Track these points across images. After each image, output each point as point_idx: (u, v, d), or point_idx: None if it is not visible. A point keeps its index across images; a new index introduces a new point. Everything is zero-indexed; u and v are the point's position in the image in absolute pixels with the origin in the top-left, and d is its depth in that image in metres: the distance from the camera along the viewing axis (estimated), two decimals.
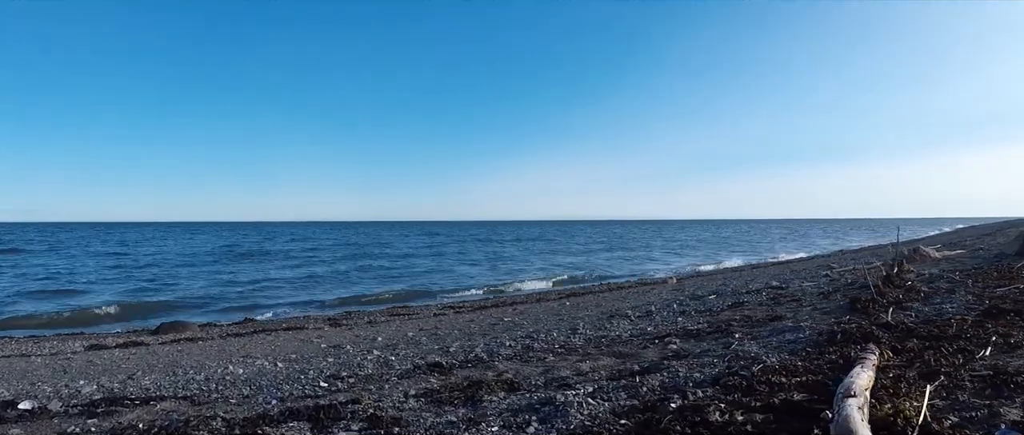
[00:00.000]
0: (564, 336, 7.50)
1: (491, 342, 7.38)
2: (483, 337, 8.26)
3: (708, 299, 10.99)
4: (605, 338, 7.25)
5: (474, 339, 8.03)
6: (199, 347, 9.76)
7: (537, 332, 8.01)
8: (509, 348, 6.76)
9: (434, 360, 6.11)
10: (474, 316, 12.98)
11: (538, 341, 7.22)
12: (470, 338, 8.26)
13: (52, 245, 49.04)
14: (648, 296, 13.60)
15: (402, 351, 7.32)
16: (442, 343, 7.89)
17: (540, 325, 9.28)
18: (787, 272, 17.08)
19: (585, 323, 8.75)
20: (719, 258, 35.79)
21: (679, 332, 7.04)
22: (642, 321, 8.59)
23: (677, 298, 11.53)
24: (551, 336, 7.54)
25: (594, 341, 7.11)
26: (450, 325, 11.23)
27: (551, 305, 14.65)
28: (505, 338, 7.78)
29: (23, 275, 25.22)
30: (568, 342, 7.02)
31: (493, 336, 8.14)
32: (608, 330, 7.79)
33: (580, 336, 7.41)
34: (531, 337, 7.57)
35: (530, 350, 6.69)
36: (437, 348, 7.17)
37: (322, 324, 13.12)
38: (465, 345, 7.26)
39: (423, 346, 7.73)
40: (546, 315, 11.52)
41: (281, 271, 28.78)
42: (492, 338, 7.88)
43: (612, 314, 9.40)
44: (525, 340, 7.31)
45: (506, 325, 10.12)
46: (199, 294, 20.67)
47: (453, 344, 7.48)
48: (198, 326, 13.53)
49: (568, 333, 7.74)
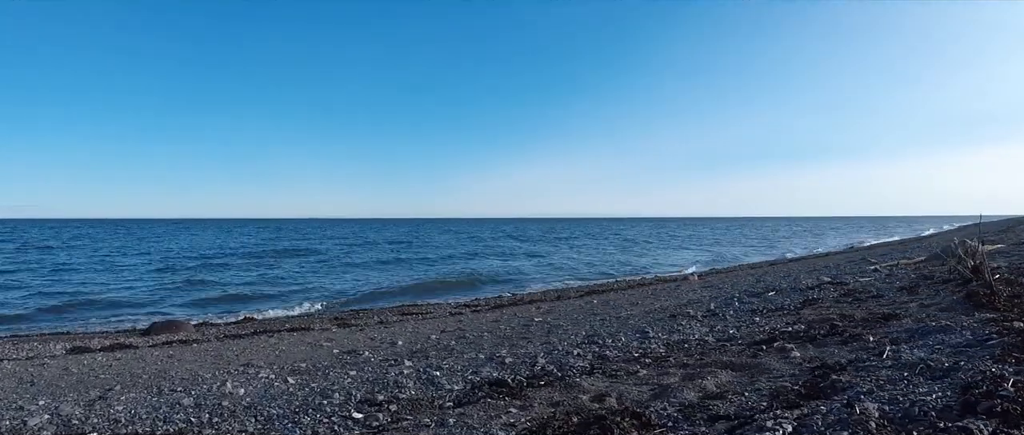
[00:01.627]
0: (635, 340, 6.07)
1: (547, 349, 5.93)
2: (529, 342, 6.81)
3: (768, 296, 9.60)
4: (686, 343, 5.84)
5: (520, 344, 6.57)
6: (193, 352, 8.25)
7: (596, 336, 6.57)
8: (578, 357, 5.32)
9: (492, 375, 4.66)
10: (495, 315, 11.52)
11: (607, 347, 5.79)
12: (513, 343, 6.80)
13: (68, 243, 46.89)
14: (686, 293, 12.18)
15: (436, 359, 5.86)
16: (482, 349, 6.43)
17: (586, 326, 7.84)
18: (822, 268, 15.74)
19: (643, 323, 7.33)
20: (731, 255, 34.46)
21: (780, 334, 5.63)
22: (710, 321, 7.18)
23: (731, 295, 10.12)
24: (619, 341, 6.10)
25: (676, 346, 5.69)
26: (475, 326, 9.77)
27: (576, 302, 13.22)
28: (559, 343, 6.34)
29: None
30: (647, 349, 5.59)
31: (542, 341, 6.69)
32: (683, 333, 6.37)
33: (655, 341, 5.99)
34: (593, 342, 6.14)
35: (605, 359, 5.26)
36: (483, 357, 5.70)
37: (329, 324, 11.62)
38: (517, 353, 5.81)
39: (460, 353, 6.27)
40: (581, 314, 10.08)
41: (279, 268, 27.16)
42: (544, 343, 6.43)
43: (673, 314, 7.97)
44: (590, 346, 5.88)
45: (542, 326, 8.67)
46: (185, 288, 19.07)
47: (500, 351, 6.02)
48: (193, 326, 11.99)
49: (637, 337, 6.31)
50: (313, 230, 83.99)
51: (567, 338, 6.74)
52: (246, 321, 13.03)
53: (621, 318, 8.77)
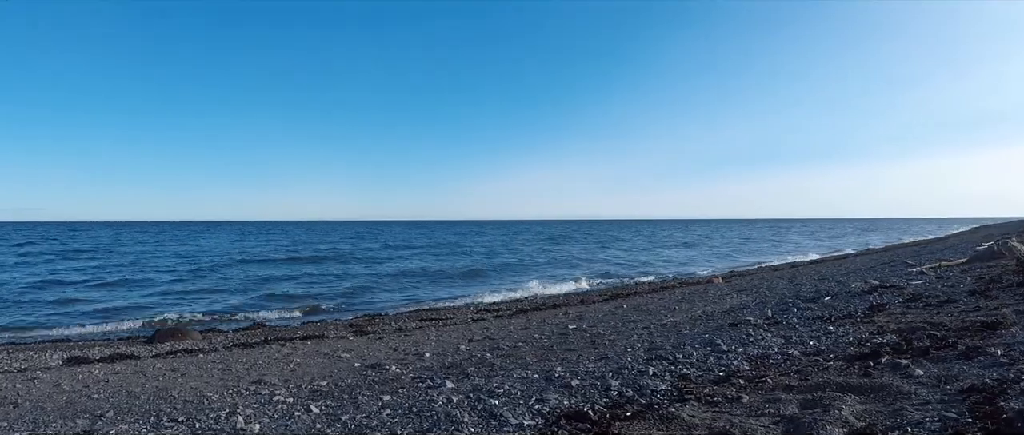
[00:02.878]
0: (711, 355, 5.15)
1: (611, 366, 5.01)
2: (578, 355, 5.89)
3: (824, 300, 8.68)
4: (768, 357, 4.93)
5: (570, 359, 5.65)
6: (198, 364, 7.35)
7: (659, 349, 5.65)
8: (655, 378, 4.40)
9: (563, 404, 3.75)
10: (521, 321, 10.60)
11: (681, 364, 4.87)
12: (562, 358, 5.88)
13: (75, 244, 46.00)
14: (722, 297, 11.24)
15: (480, 378, 4.94)
16: (529, 365, 5.51)
17: (634, 336, 6.92)
18: (855, 271, 14.80)
19: (701, 332, 6.40)
20: (744, 256, 33.51)
21: (876, 346, 4.71)
22: (779, 330, 6.26)
23: (782, 299, 9.18)
24: (690, 356, 5.18)
25: (759, 362, 4.78)
26: (504, 334, 8.85)
27: (603, 307, 12.29)
28: (617, 356, 5.42)
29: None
30: (730, 365, 4.68)
31: (597, 355, 5.77)
32: (759, 345, 5.45)
33: (733, 356, 5.07)
34: (660, 357, 5.22)
35: (687, 379, 4.34)
36: (538, 377, 4.78)
37: (344, 331, 10.71)
38: (578, 371, 4.88)
39: (505, 371, 5.35)
40: (617, 321, 9.16)
41: (288, 272, 26.25)
42: (599, 358, 5.51)
43: (734, 322, 7.03)
44: (659, 363, 4.96)
45: (581, 336, 7.75)
46: (192, 293, 18.17)
47: (554, 368, 5.09)
48: (199, 333, 11.08)
49: (709, 351, 5.39)
50: (319, 232, 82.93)
51: (623, 351, 5.82)
52: (255, 328, 12.12)
53: (667, 326, 7.85)
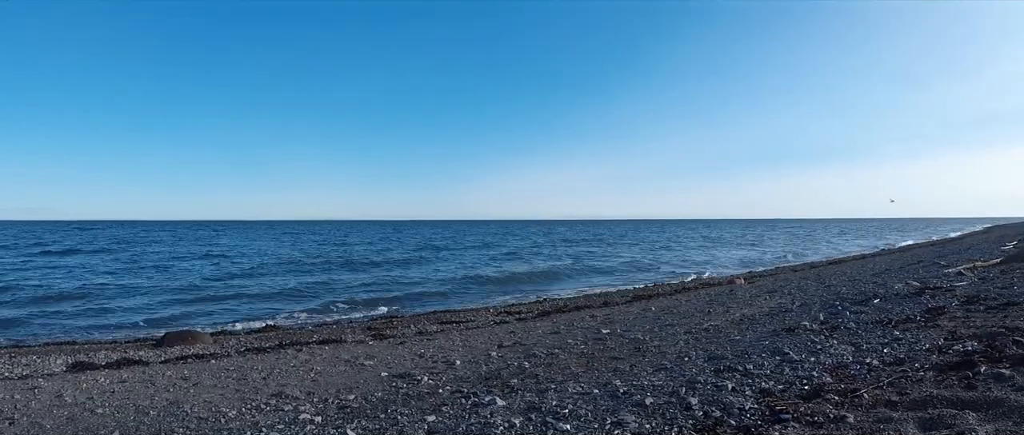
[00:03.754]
0: (785, 366, 4.54)
1: (677, 378, 4.40)
2: (629, 363, 5.29)
3: (874, 303, 8.05)
4: (845, 367, 4.33)
5: (624, 370, 5.05)
6: (211, 372, 6.78)
7: (721, 359, 5.04)
8: (735, 393, 3.80)
9: (645, 428, 3.15)
10: (548, 324, 10.00)
11: (754, 376, 4.27)
12: (615, 368, 5.29)
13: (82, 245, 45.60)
14: (756, 300, 10.62)
15: (529, 393, 4.36)
16: (578, 377, 4.92)
17: (682, 342, 6.32)
18: (884, 271, 14.15)
19: (758, 338, 5.80)
20: (754, 257, 32.80)
21: (965, 354, 4.10)
22: (842, 335, 5.64)
23: (829, 302, 8.54)
24: (761, 366, 4.58)
25: (839, 373, 4.18)
26: (535, 339, 8.26)
27: (629, 309, 11.68)
28: (676, 366, 4.82)
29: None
30: (812, 378, 4.07)
31: (654, 364, 5.16)
32: (829, 353, 4.84)
33: (808, 365, 4.46)
34: (729, 368, 4.61)
35: (770, 394, 3.74)
36: (599, 393, 4.18)
37: (362, 334, 10.14)
38: (641, 384, 4.27)
39: (556, 383, 4.76)
40: (651, 324, 8.56)
41: (299, 272, 25.71)
42: (656, 368, 4.90)
43: (791, 327, 6.41)
44: (730, 374, 4.35)
45: (620, 340, 7.16)
46: (203, 293, 17.63)
47: (612, 381, 4.49)
48: (210, 336, 10.53)
49: (773, 358, 4.78)
50: (330, 232, 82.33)
51: (681, 360, 5.22)
52: (268, 330, 11.56)
53: (710, 331, 7.24)
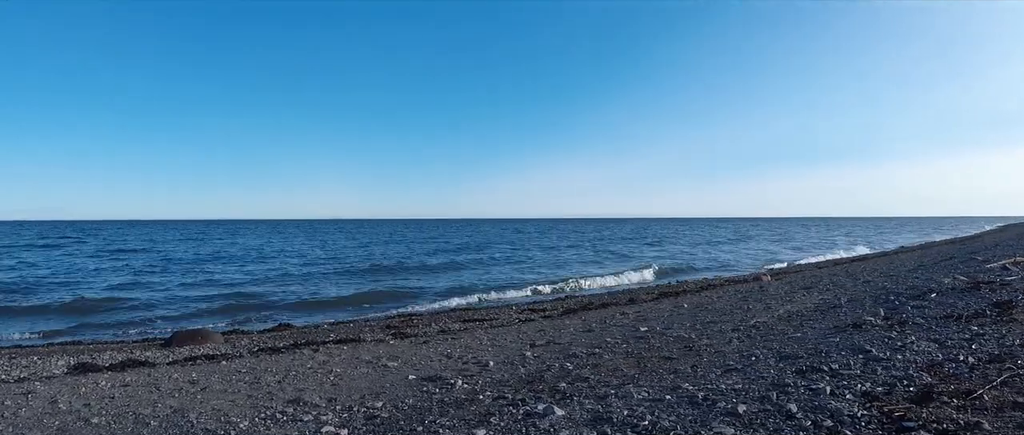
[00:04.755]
0: (864, 362, 3.87)
1: (759, 379, 3.73)
2: (695, 366, 4.62)
3: (931, 297, 7.34)
4: (938, 365, 3.67)
5: (692, 373, 4.38)
6: (221, 375, 6.16)
7: (796, 356, 4.36)
8: (833, 397, 3.13)
9: None
10: (577, 322, 9.34)
11: (843, 376, 3.60)
12: (674, 370, 4.62)
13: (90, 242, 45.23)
14: (791, 295, 9.90)
15: (587, 400, 3.70)
16: (636, 381, 4.26)
17: (733, 339, 5.64)
18: (919, 267, 13.40)
19: (824, 334, 5.11)
20: (770, 254, 32.00)
21: None
22: (914, 332, 4.94)
23: (875, 297, 7.82)
24: (845, 364, 3.90)
25: (933, 371, 3.49)
26: (569, 337, 7.60)
27: (659, 306, 10.99)
28: (753, 368, 4.15)
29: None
30: (906, 376, 3.40)
31: (713, 363, 4.49)
32: (914, 350, 4.17)
33: (900, 364, 3.79)
34: (810, 367, 3.94)
35: (874, 397, 3.07)
36: (673, 399, 3.51)
37: (381, 333, 9.50)
38: (718, 388, 3.60)
39: (612, 386, 4.10)
40: (692, 322, 7.88)
41: (309, 269, 25.13)
42: (725, 368, 4.23)
43: (856, 323, 5.72)
44: (816, 375, 3.68)
45: (663, 338, 6.50)
46: (212, 292, 17.06)
47: (682, 385, 3.82)
48: (221, 335, 9.93)
49: (856, 356, 4.11)
50: (337, 231, 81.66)
51: (749, 360, 4.54)
52: (281, 329, 10.95)
53: (761, 328, 6.56)
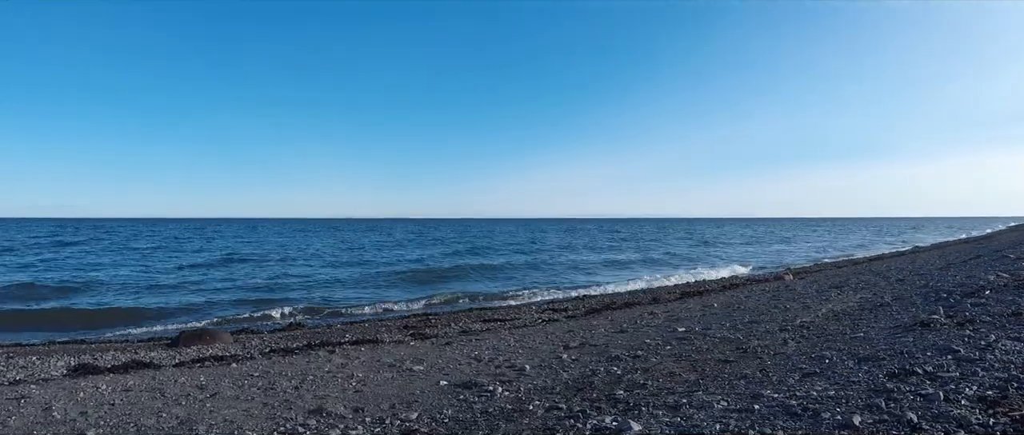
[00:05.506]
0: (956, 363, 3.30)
1: (850, 386, 3.15)
2: (765, 371, 4.05)
3: (986, 294, 6.75)
4: None
5: (765, 379, 3.82)
6: (232, 378, 5.61)
7: (878, 358, 3.79)
8: (948, 402, 2.56)
9: None
10: (604, 322, 8.78)
11: (945, 380, 3.02)
12: (741, 374, 4.05)
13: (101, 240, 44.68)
14: (830, 294, 9.32)
15: (671, 413, 3.14)
16: (710, 387, 3.70)
17: (790, 341, 5.07)
18: (948, 266, 12.80)
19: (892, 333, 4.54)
20: (783, 255, 31.38)
21: None
22: (989, 330, 4.36)
23: (926, 293, 7.22)
24: (940, 366, 3.33)
25: None
26: (600, 338, 7.04)
27: (685, 305, 10.42)
28: (836, 370, 3.59)
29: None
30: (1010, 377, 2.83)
31: (783, 365, 3.92)
32: (1002, 349, 3.60)
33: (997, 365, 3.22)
34: (902, 369, 3.37)
35: (989, 402, 2.50)
36: (762, 409, 2.95)
37: (399, 333, 8.95)
38: (809, 394, 3.03)
39: (676, 394, 3.54)
40: (731, 321, 7.30)
41: (316, 267, 24.59)
42: (804, 373, 3.66)
43: (922, 323, 5.14)
44: (915, 379, 3.11)
45: (707, 341, 5.93)
46: (221, 290, 16.52)
47: (764, 392, 3.26)
48: (230, 335, 9.38)
49: (944, 357, 3.53)
50: (348, 230, 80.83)
51: (829, 362, 3.97)
52: (292, 329, 10.40)
53: (812, 328, 5.98)
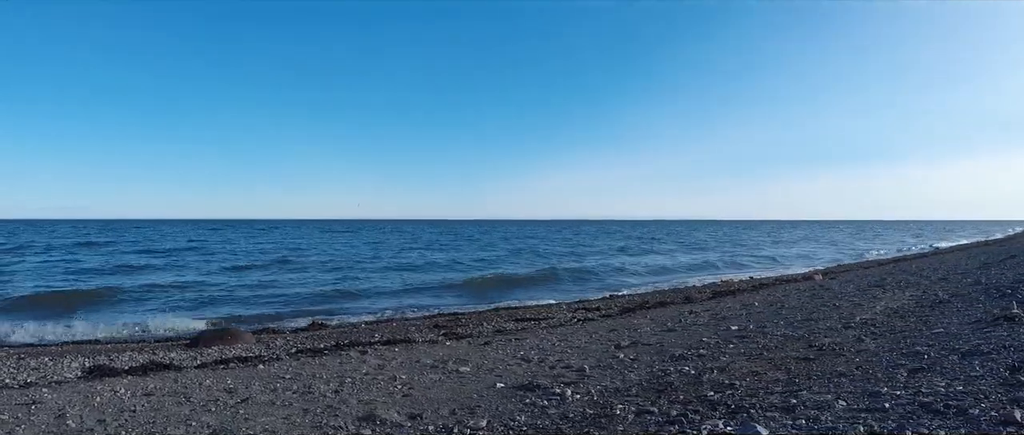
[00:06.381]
0: None
1: (972, 383, 2.62)
2: (865, 366, 3.50)
3: None
4: None
5: (866, 377, 3.27)
6: (262, 382, 5.11)
7: (983, 353, 3.23)
8: None
9: None
10: (643, 320, 8.24)
11: None
12: (841, 372, 3.51)
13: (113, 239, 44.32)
14: (874, 292, 8.75)
15: (792, 418, 2.61)
16: (814, 388, 3.16)
17: (865, 337, 4.52)
18: (982, 265, 12.16)
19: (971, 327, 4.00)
20: (796, 256, 30.69)
21: None
22: None
23: (988, 289, 6.65)
24: None
25: None
26: (648, 336, 6.52)
27: (723, 303, 9.88)
28: (941, 366, 3.05)
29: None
30: None
31: (882, 361, 3.37)
32: None
33: None
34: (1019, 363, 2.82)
35: None
36: (894, 409, 2.40)
37: (430, 333, 8.44)
38: (933, 391, 2.49)
39: (766, 395, 3.00)
40: (780, 319, 6.76)
41: (331, 266, 24.05)
42: (910, 369, 3.12)
43: (1005, 317, 4.58)
44: None
45: (765, 337, 5.40)
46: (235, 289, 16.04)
47: (880, 389, 2.71)
48: (252, 335, 8.89)
49: None
50: (363, 231, 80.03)
51: (933, 357, 3.42)
52: (315, 328, 9.90)
53: (879, 325, 5.44)
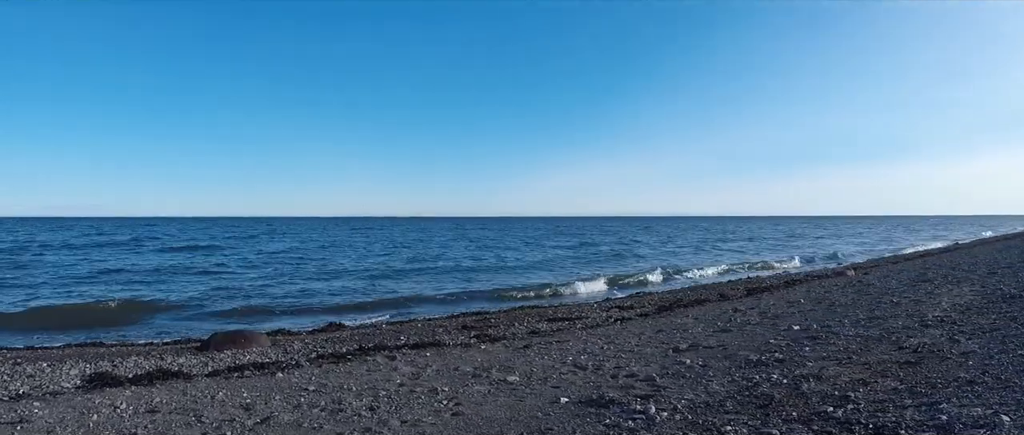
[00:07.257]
0: None
1: None
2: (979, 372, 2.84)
3: None
4: None
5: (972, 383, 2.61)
6: (283, 394, 4.46)
7: None
8: None
9: None
10: (688, 321, 7.59)
11: None
12: (954, 377, 2.83)
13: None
14: (920, 289, 8.07)
15: None
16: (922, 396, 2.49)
17: (941, 336, 3.85)
18: (1019, 260, 11.50)
19: None
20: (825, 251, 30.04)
21: None
22: None
23: None
24: None
25: None
26: (707, 338, 5.87)
27: (761, 301, 9.22)
28: None
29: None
30: None
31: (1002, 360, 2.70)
32: None
33: None
34: None
35: None
36: None
37: (460, 335, 7.77)
38: None
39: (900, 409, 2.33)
40: (844, 318, 6.10)
41: (352, 265, 23.41)
42: None
43: None
44: None
45: (843, 340, 4.72)
46: (245, 289, 15.40)
47: None
48: (267, 337, 8.23)
49: None
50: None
51: None
52: (333, 329, 9.25)
53: (958, 322, 4.77)
